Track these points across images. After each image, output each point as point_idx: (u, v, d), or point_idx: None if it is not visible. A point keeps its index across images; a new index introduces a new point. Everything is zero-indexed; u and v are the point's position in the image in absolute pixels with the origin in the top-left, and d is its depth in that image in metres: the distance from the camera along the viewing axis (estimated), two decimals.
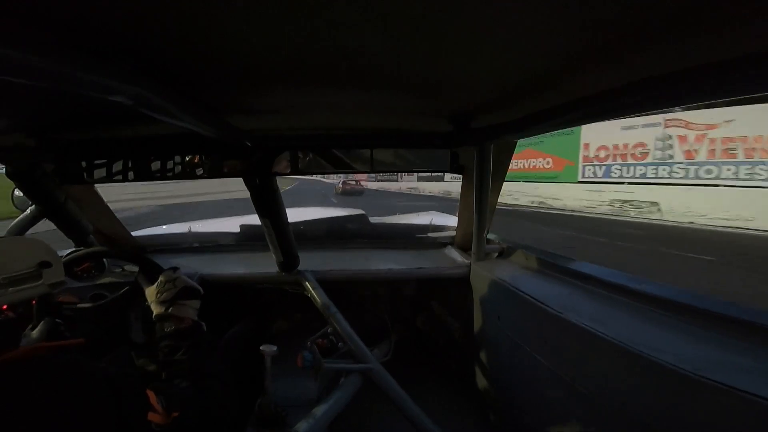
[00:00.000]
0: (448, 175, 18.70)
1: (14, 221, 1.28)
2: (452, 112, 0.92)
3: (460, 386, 1.60)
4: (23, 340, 0.65)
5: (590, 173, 12.52)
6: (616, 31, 0.43)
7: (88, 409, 0.49)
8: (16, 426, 0.43)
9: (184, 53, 0.49)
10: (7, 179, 1.16)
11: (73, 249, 1.29)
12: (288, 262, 1.41)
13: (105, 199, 1.48)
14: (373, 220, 2.28)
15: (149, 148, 1.13)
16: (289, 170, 1.16)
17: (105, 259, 1.46)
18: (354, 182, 22.39)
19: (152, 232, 2.16)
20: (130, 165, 1.14)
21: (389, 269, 1.55)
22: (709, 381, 0.57)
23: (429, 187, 24.90)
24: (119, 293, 1.17)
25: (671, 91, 0.55)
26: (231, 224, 2.10)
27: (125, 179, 1.14)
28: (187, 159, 1.14)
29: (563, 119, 0.78)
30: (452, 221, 1.88)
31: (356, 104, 0.81)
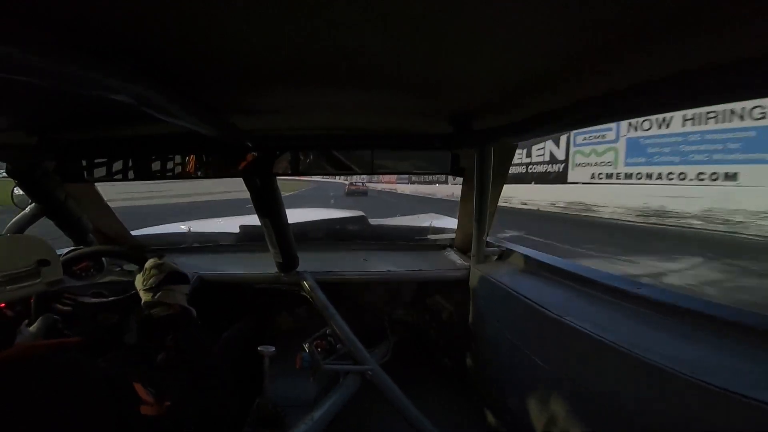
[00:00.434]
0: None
1: (14, 219, 1.28)
2: (452, 114, 0.92)
3: (458, 388, 1.60)
4: (19, 337, 0.65)
5: None
6: (616, 32, 0.43)
7: (86, 408, 0.49)
8: (14, 425, 0.42)
9: (184, 53, 0.49)
10: None
11: (72, 247, 1.29)
12: (287, 262, 1.41)
13: (105, 198, 1.48)
14: (372, 221, 2.27)
15: (150, 147, 1.13)
16: (290, 171, 1.16)
17: (104, 258, 1.46)
18: (360, 183, 25.58)
19: (152, 232, 2.16)
20: (130, 164, 1.14)
21: (388, 271, 1.55)
22: (706, 384, 0.57)
23: None
24: (125, 296, 1.15)
25: (673, 94, 0.55)
26: (231, 224, 2.10)
27: (125, 178, 1.14)
28: (188, 159, 1.15)
29: (564, 122, 0.78)
30: (452, 223, 1.88)
31: (356, 104, 0.81)
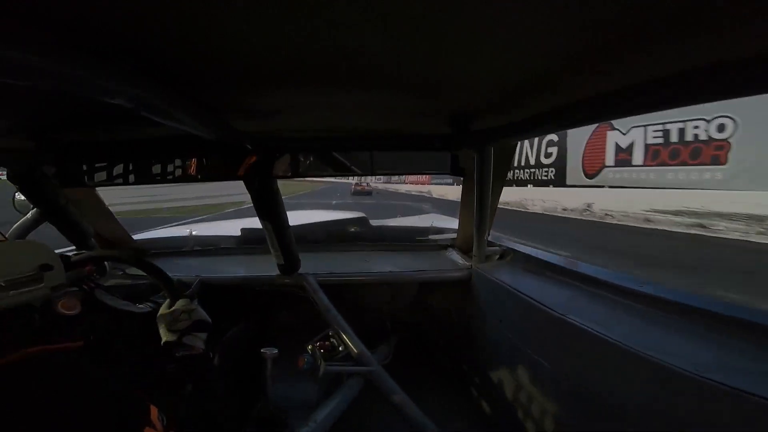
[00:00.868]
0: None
1: (15, 224, 1.29)
2: (452, 114, 0.92)
3: (461, 389, 1.60)
4: None
5: None
6: (616, 31, 0.43)
7: (86, 418, 0.48)
8: (11, 430, 0.42)
9: (183, 54, 0.49)
10: None
11: (74, 252, 1.29)
12: (289, 264, 1.41)
13: (106, 202, 1.48)
14: (374, 222, 2.27)
15: (150, 150, 1.13)
16: (290, 173, 1.17)
17: (106, 262, 1.46)
18: (365, 184, 27.30)
19: (153, 236, 2.16)
20: (130, 168, 1.14)
21: (390, 272, 1.54)
22: (711, 382, 0.57)
23: None
24: (151, 309, 1.09)
25: (673, 93, 0.54)
26: (232, 227, 2.10)
27: (126, 182, 1.14)
28: (188, 162, 1.15)
29: (564, 121, 0.78)
30: (453, 224, 1.88)
31: (356, 105, 0.81)
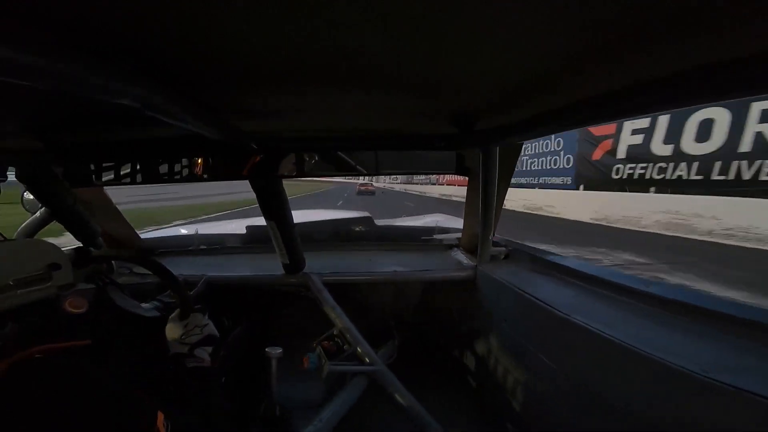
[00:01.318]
0: None
1: (24, 223, 1.30)
2: (456, 114, 0.91)
3: (465, 389, 1.59)
4: None
5: None
6: (619, 31, 0.43)
7: (90, 418, 0.48)
8: (14, 429, 0.42)
9: (186, 54, 0.49)
10: None
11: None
12: (294, 264, 1.41)
13: (114, 201, 1.49)
14: (378, 222, 2.27)
15: (156, 150, 1.14)
16: (295, 172, 1.17)
17: (113, 261, 1.48)
18: (369, 184, 29.39)
19: (160, 234, 2.18)
20: (137, 168, 1.15)
21: (395, 271, 1.54)
22: (717, 383, 0.57)
23: None
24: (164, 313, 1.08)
25: (678, 92, 0.54)
26: (237, 226, 2.11)
27: (133, 182, 1.15)
28: (194, 161, 1.15)
29: (568, 121, 0.78)
30: (458, 223, 1.87)
31: (359, 106, 0.81)
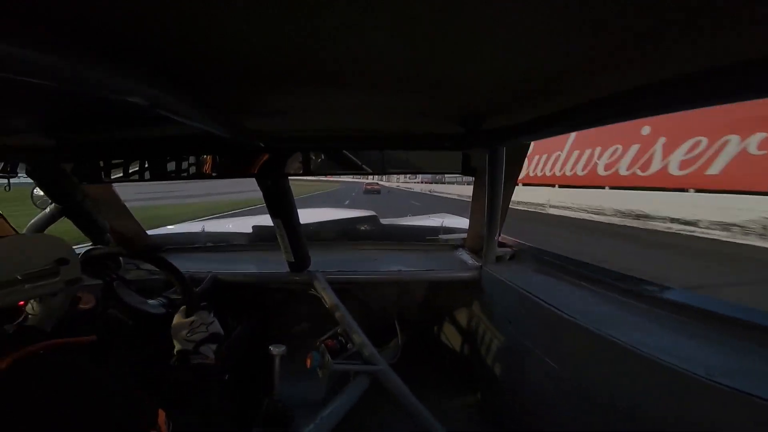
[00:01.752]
0: None
1: (33, 219, 1.32)
2: (463, 114, 0.91)
3: (468, 389, 1.59)
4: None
5: None
6: (629, 32, 0.42)
7: (90, 415, 0.49)
8: (16, 426, 0.43)
9: (195, 54, 0.49)
10: None
11: (90, 247, 1.32)
12: (299, 262, 1.42)
13: (122, 198, 1.51)
14: (384, 221, 2.27)
15: (164, 148, 1.15)
16: (301, 171, 1.17)
17: (120, 258, 1.49)
18: (376, 183, 30.89)
19: (167, 232, 2.20)
20: (146, 165, 1.17)
21: (399, 271, 1.54)
22: (723, 386, 0.56)
23: None
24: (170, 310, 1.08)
25: (688, 93, 0.53)
26: (243, 224, 2.13)
27: (141, 179, 1.17)
28: (201, 159, 1.16)
29: (576, 121, 0.77)
30: (463, 223, 1.87)
31: (366, 106, 0.81)
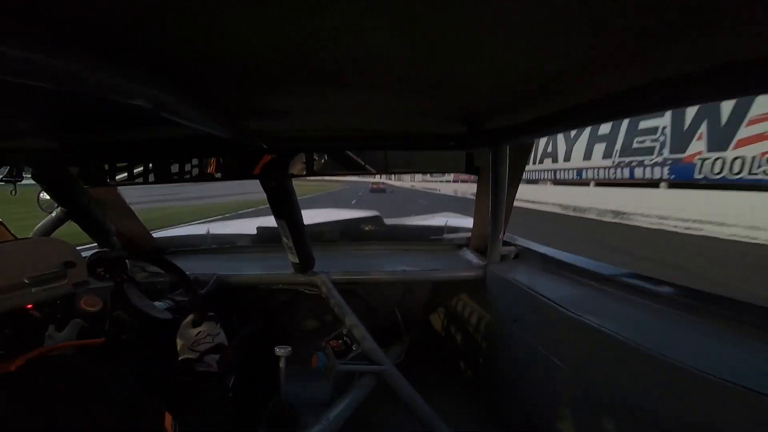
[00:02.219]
0: None
1: (40, 223, 1.33)
2: (465, 113, 0.91)
3: (474, 389, 1.58)
4: (49, 341, 0.66)
5: None
6: (629, 32, 0.42)
7: (95, 420, 0.49)
8: (28, 425, 0.43)
9: (198, 56, 0.49)
10: None
11: (96, 250, 1.33)
12: (303, 263, 1.42)
13: (127, 201, 1.52)
14: (387, 221, 2.27)
15: (169, 150, 1.15)
16: (305, 172, 1.17)
17: (127, 260, 1.50)
18: (381, 183, 31.17)
19: (172, 234, 2.21)
20: (151, 167, 1.17)
21: (404, 271, 1.54)
22: (730, 384, 0.55)
23: None
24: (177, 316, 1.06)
25: (690, 91, 0.53)
26: (248, 226, 2.13)
27: (146, 181, 1.17)
28: (205, 161, 1.17)
29: (578, 120, 0.77)
30: (468, 223, 1.86)
31: (369, 106, 0.81)
